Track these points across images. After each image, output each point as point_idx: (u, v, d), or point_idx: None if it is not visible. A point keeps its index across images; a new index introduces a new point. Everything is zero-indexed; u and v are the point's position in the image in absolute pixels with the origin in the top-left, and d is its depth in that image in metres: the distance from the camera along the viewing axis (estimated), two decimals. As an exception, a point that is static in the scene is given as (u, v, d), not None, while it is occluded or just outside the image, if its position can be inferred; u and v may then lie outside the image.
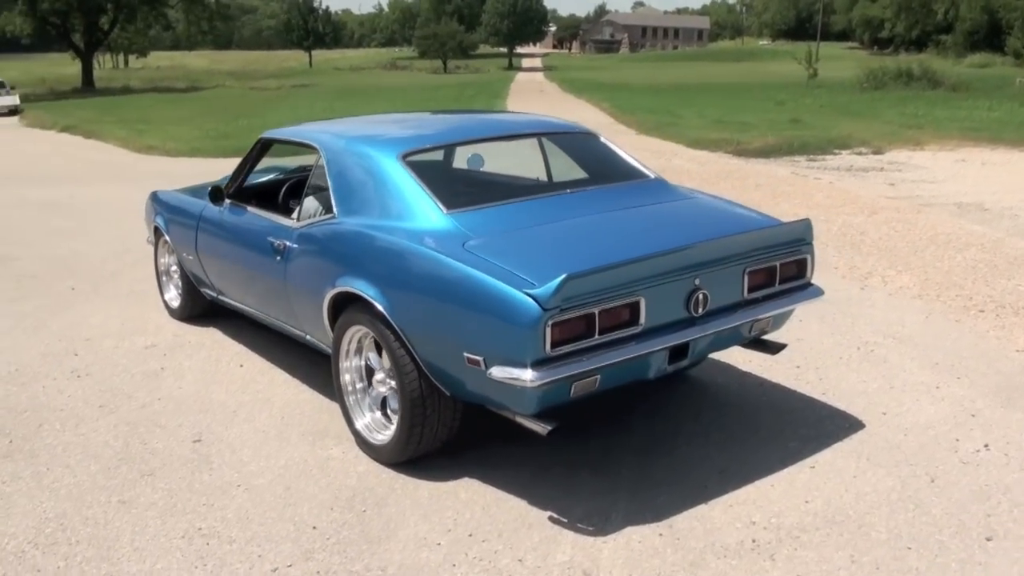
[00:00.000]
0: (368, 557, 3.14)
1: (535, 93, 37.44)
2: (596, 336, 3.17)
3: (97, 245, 8.22)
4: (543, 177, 4.48)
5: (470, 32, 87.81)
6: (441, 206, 3.68)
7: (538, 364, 3.05)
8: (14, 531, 3.35)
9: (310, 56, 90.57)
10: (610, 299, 3.18)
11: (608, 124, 20.33)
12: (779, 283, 3.77)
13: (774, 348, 4.06)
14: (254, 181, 5.22)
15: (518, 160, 4.71)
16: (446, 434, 3.68)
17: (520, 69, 76.09)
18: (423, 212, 3.68)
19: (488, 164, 4.81)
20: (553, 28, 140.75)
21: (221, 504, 3.53)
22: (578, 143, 4.61)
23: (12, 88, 35.30)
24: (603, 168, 4.38)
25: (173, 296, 5.90)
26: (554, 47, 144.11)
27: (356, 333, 3.83)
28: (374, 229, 3.74)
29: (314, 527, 3.35)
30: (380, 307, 3.55)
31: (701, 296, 3.42)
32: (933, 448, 3.84)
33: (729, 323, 3.59)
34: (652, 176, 4.36)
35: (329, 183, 4.09)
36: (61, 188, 12.04)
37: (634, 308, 3.26)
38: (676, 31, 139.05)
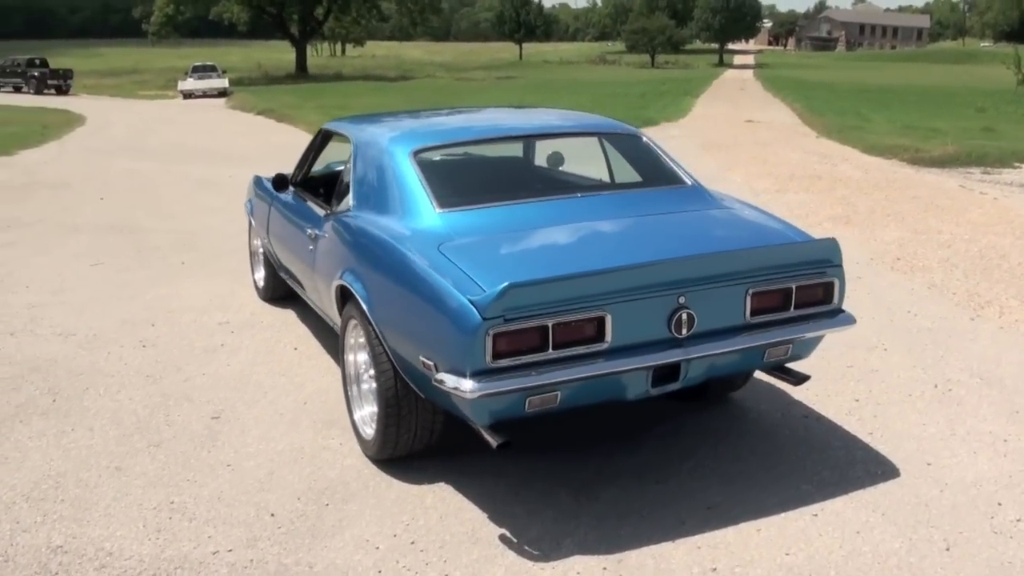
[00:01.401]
0: (304, 552, 3.12)
1: (735, 90, 36.25)
2: (551, 350, 2.97)
3: (231, 223, 8.76)
4: (563, 178, 4.27)
5: (681, 27, 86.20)
6: (434, 204, 3.59)
7: (479, 375, 2.91)
8: (15, 483, 3.61)
9: (520, 48, 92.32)
10: (567, 312, 2.97)
11: (792, 125, 19.33)
12: (795, 307, 3.39)
13: (796, 379, 3.66)
14: (319, 171, 5.34)
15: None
16: (427, 437, 3.60)
17: (730, 66, 73.88)
18: (417, 209, 3.61)
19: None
20: (768, 24, 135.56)
21: (204, 482, 3.63)
22: (617, 143, 4.36)
23: (223, 72, 38.49)
24: (634, 171, 4.12)
25: (260, 277, 6.16)
26: (769, 44, 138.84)
27: (356, 326, 3.82)
28: (372, 224, 3.72)
29: (272, 515, 3.38)
30: (362, 303, 3.52)
31: (685, 316, 3.13)
32: (967, 510, 3.32)
33: (726, 348, 3.27)
34: (688, 182, 4.05)
35: (351, 175, 4.11)
36: (227, 167, 12.93)
37: (599, 324, 3.03)
38: (895, 30, 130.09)
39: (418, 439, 3.59)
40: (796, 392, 4.43)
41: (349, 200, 4.04)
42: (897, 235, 7.74)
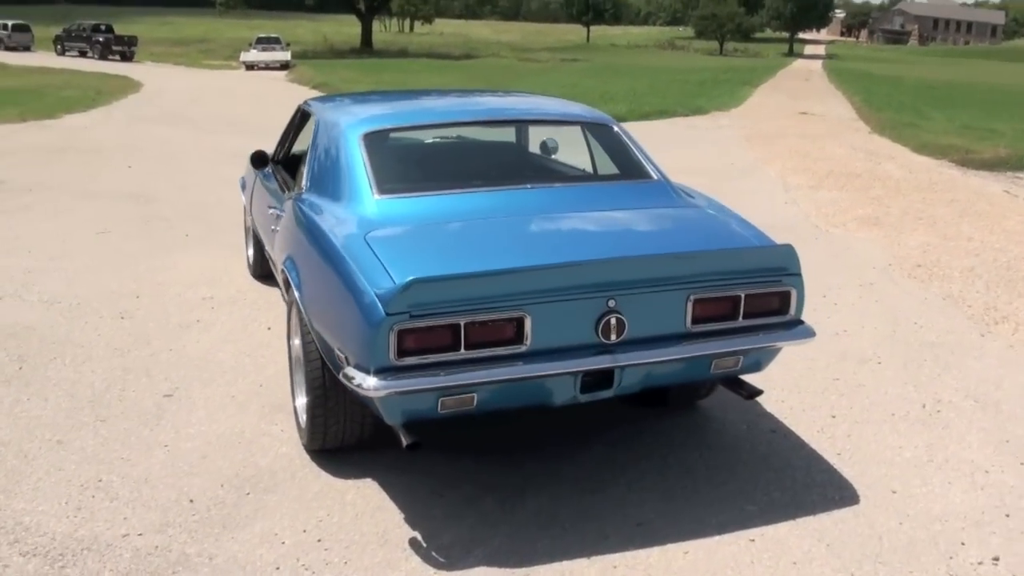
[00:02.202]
0: (210, 542, 3.04)
1: (798, 81, 35.25)
2: (463, 350, 2.82)
3: (246, 197, 8.76)
4: (523, 167, 4.08)
5: (751, 15, 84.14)
6: (374, 190, 3.46)
7: (383, 372, 2.78)
8: (-45, 451, 3.61)
9: (588, 31, 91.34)
10: (482, 311, 2.81)
11: (848, 119, 18.67)
12: (745, 317, 3.17)
13: (747, 392, 3.45)
14: (301, 149, 5.25)
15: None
16: (358, 431, 3.48)
17: (800, 56, 72.03)
18: (357, 194, 3.49)
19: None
20: (841, 15, 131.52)
21: (137, 461, 3.58)
22: (590, 133, 4.15)
23: (287, 44, 38.72)
24: (595, 163, 3.92)
25: (250, 254, 6.12)
26: (841, 35, 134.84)
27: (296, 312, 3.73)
28: (314, 207, 3.61)
29: (191, 500, 3.31)
30: (294, 288, 3.42)
31: (614, 320, 2.94)
32: (924, 547, 3.07)
33: (662, 356, 3.08)
34: (654, 177, 3.83)
35: (308, 156, 4.00)
36: (262, 141, 12.89)
37: (518, 325, 2.87)
38: (969, 25, 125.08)
39: (348, 432, 3.47)
40: (770, 403, 4.20)
41: (303, 182, 3.93)
42: (924, 240, 7.35)
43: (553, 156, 4.58)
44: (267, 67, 35.95)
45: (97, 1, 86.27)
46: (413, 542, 3.06)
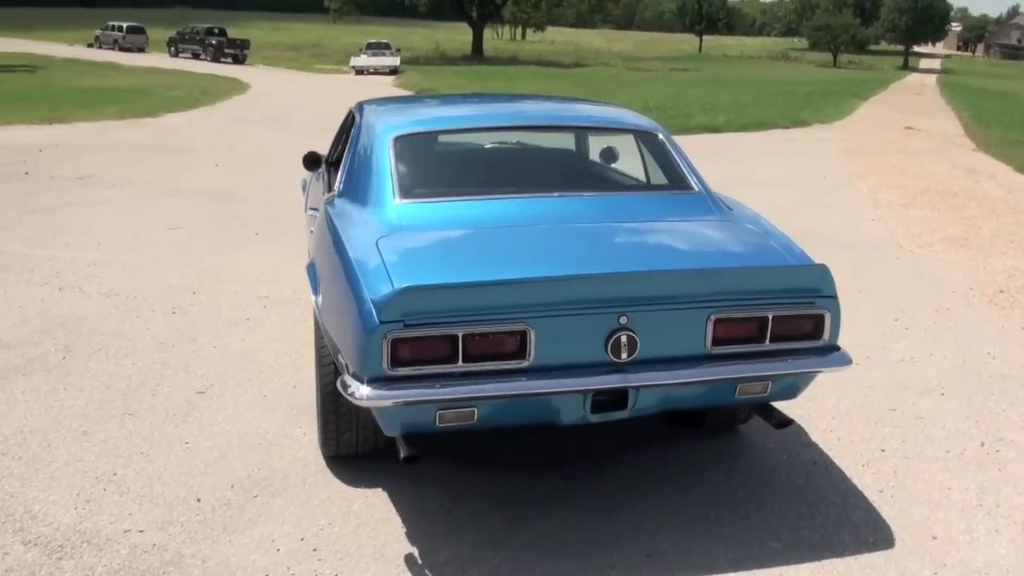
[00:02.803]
0: (207, 544, 3.02)
1: (909, 95, 33.74)
2: (460, 363, 2.71)
3: (321, 198, 8.86)
4: (564, 174, 3.92)
5: (866, 26, 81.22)
6: (396, 194, 3.39)
7: (377, 382, 2.69)
8: (-11, 435, 3.71)
9: (700, 41, 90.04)
10: (482, 323, 2.70)
11: (954, 136, 17.70)
12: (772, 340, 2.96)
13: (776, 421, 3.21)
14: None
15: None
16: (372, 439, 3.40)
17: (915, 70, 69.10)
18: (380, 198, 3.42)
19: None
20: (958, 28, 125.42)
21: (155, 457, 3.60)
22: (638, 142, 3.98)
23: (397, 50, 39.38)
24: (643, 171, 3.75)
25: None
26: (957, 48, 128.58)
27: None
28: (340, 211, 3.56)
29: (199, 500, 3.30)
30: (312, 293, 3.38)
31: (625, 338, 2.78)
32: (955, 602, 2.80)
33: (677, 379, 2.89)
34: (695, 188, 3.63)
35: (344, 158, 3.97)
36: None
37: (521, 338, 2.74)
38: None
39: (363, 440, 3.40)
40: (817, 432, 3.95)
41: (337, 185, 3.90)
42: (1011, 264, 6.85)
43: (612, 165, 4.44)
44: (376, 72, 36.56)
45: (214, 5, 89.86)
46: (409, 558, 2.96)
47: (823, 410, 4.18)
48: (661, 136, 3.89)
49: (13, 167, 9.70)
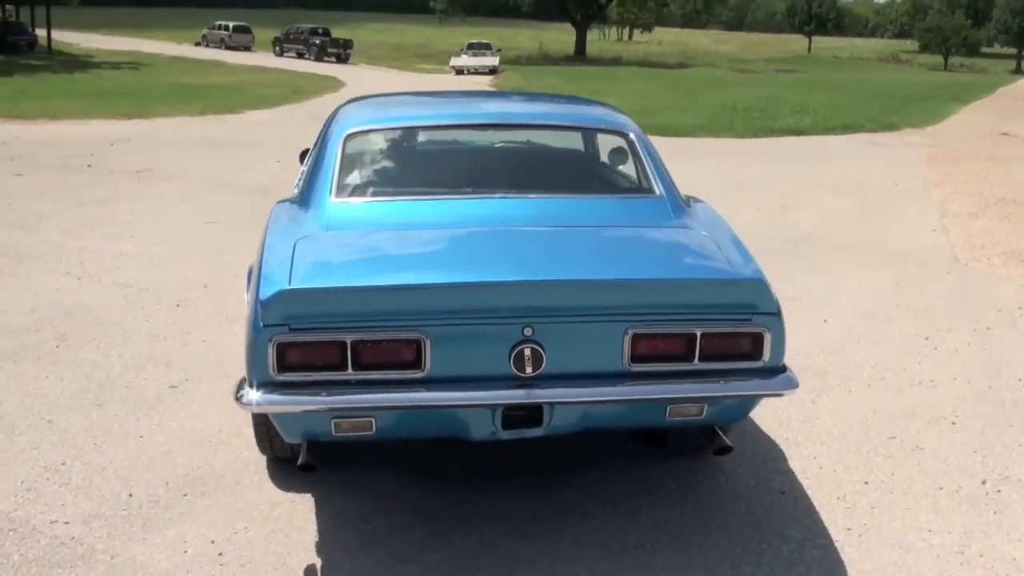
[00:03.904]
0: (121, 541, 2.99)
1: (1015, 101, 31.62)
2: (351, 370, 2.59)
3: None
4: (523, 175, 3.71)
5: (977, 28, 76.82)
6: (333, 192, 3.29)
7: (264, 386, 2.60)
8: (-41, 417, 3.80)
9: (809, 42, 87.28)
10: (372, 329, 2.57)
11: (1018, 141, 16.41)
12: (702, 359, 2.71)
13: (715, 447, 2.95)
14: None
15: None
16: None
17: (1028, 74, 64.97)
18: (319, 197, 3.33)
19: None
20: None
21: (106, 449, 3.61)
22: (604, 140, 3.76)
23: (497, 50, 39.52)
24: (591, 173, 3.53)
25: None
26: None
27: None
28: (282, 211, 3.51)
29: (131, 495, 3.29)
30: (246, 294, 3.31)
31: (529, 351, 2.60)
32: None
33: (592, 396, 2.69)
34: (657, 192, 3.39)
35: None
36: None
37: (416, 347, 2.59)
38: None
39: (297, 444, 3.32)
40: (798, 458, 3.65)
41: (296, 182, 3.84)
42: (1074, 284, 6.24)
43: (620, 167, 4.25)
44: (475, 72, 36.78)
45: (327, 6, 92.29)
46: (309, 570, 2.86)
47: (812, 434, 3.87)
48: (632, 136, 3.65)
49: (79, 159, 10.13)
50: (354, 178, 3.40)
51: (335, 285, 2.59)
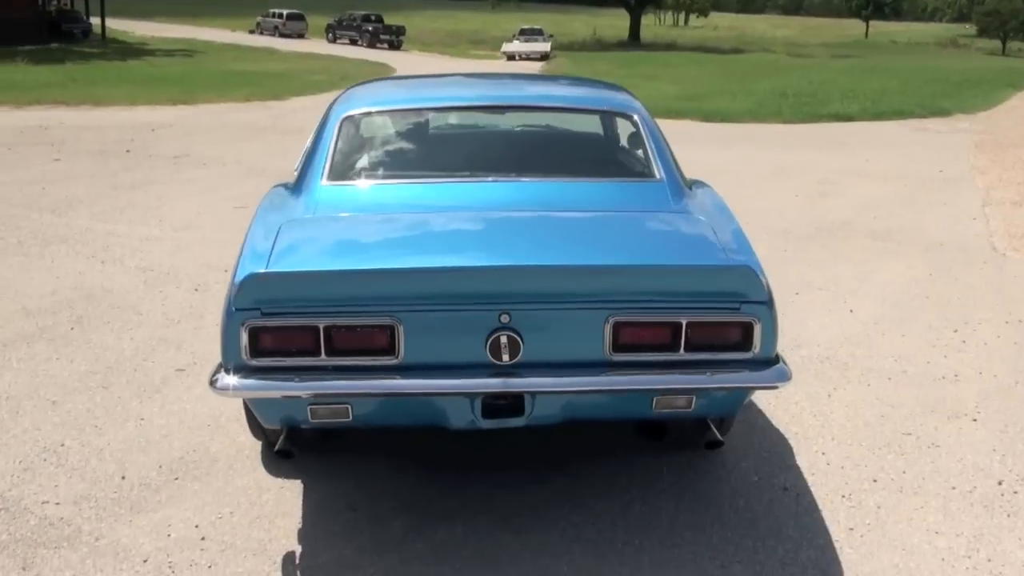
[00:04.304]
0: (107, 523, 3.00)
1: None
2: (324, 356, 2.54)
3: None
4: (521, 158, 3.61)
5: (1037, 10, 73.89)
6: (325, 175, 3.25)
7: (239, 371, 2.57)
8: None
9: (867, 26, 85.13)
10: (345, 315, 2.52)
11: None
12: (688, 349, 2.61)
13: (706, 440, 2.84)
14: None
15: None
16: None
17: (1097, 59, 62.25)
18: (311, 180, 3.31)
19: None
20: None
21: (105, 431, 3.63)
22: (607, 122, 3.65)
23: (550, 36, 39.25)
24: (593, 157, 3.42)
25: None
26: None
27: None
28: (275, 194, 3.48)
29: (123, 477, 3.30)
30: None
31: (506, 338, 2.52)
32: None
33: (572, 386, 2.61)
34: (657, 176, 3.27)
35: None
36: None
37: (389, 334, 2.54)
38: None
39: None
40: (806, 453, 3.53)
41: (295, 167, 3.80)
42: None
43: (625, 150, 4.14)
44: (527, 58, 36.53)
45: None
46: (288, 557, 2.83)
47: (824, 429, 3.73)
48: (636, 118, 3.54)
49: (119, 145, 10.29)
50: (348, 161, 3.36)
51: (306, 269, 2.55)
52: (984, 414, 3.87)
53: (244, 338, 2.53)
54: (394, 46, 39.73)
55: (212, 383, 2.61)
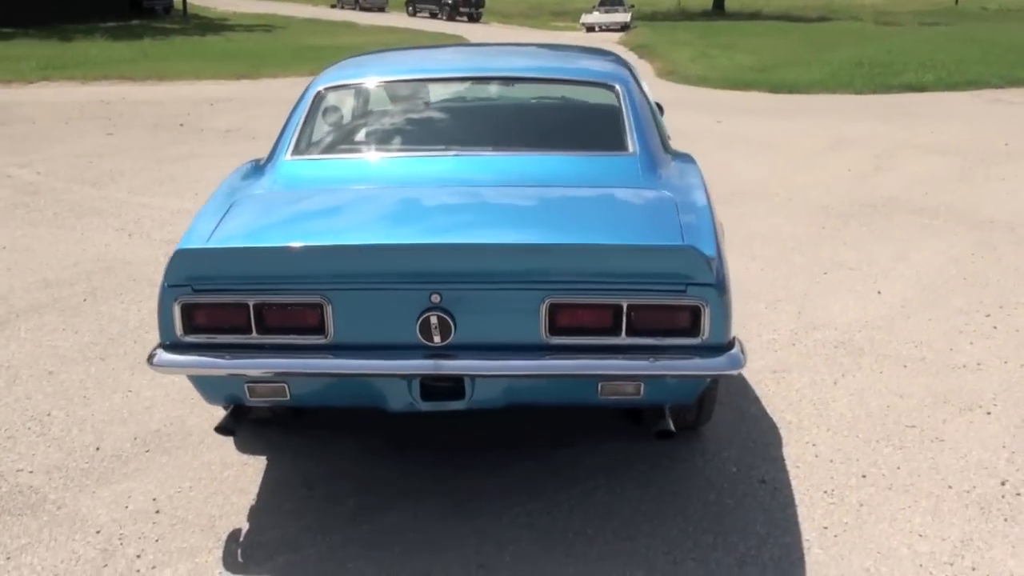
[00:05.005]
0: (72, 493, 3.05)
1: None
2: (255, 334, 2.50)
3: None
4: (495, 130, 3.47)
5: None
6: (289, 150, 3.21)
7: (174, 347, 2.56)
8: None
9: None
10: (274, 292, 2.47)
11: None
12: (631, 333, 2.47)
13: (656, 429, 2.69)
14: None
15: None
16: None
17: None
18: (276, 154, 3.30)
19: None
20: None
21: (93, 401, 3.70)
22: (587, 94, 3.49)
23: (631, 6, 38.45)
24: (568, 130, 3.27)
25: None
26: None
27: None
28: (243, 169, 3.47)
29: (98, 448, 3.35)
30: None
31: (436, 319, 2.43)
32: None
33: (507, 370, 2.50)
34: (631, 150, 3.11)
35: None
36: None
37: (319, 312, 2.47)
38: None
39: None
40: (795, 445, 3.34)
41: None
42: None
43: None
44: (606, 29, 35.94)
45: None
46: (233, 535, 2.81)
47: (821, 418, 3.53)
48: (619, 88, 3.36)
49: (174, 119, 10.51)
50: (316, 135, 3.31)
51: (232, 246, 2.51)
52: (1001, 407, 3.60)
53: (177, 314, 2.51)
54: (473, 18, 39.59)
55: (149, 359, 2.60)
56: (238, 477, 3.14)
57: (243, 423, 2.83)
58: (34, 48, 20.78)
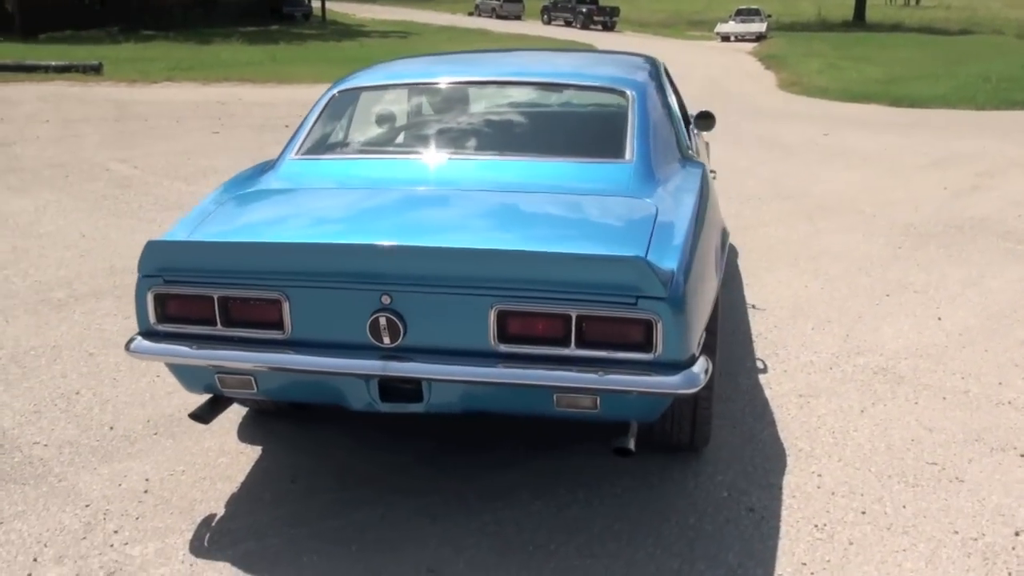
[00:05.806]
0: (74, 469, 3.21)
1: None
2: (220, 326, 2.58)
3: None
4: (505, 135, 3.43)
5: None
6: (296, 150, 3.30)
7: (149, 335, 2.68)
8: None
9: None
10: (237, 287, 2.54)
11: None
12: (580, 345, 2.40)
13: (615, 445, 2.60)
14: None
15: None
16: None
17: None
18: (284, 154, 3.39)
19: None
20: None
21: (121, 383, 3.88)
22: (596, 99, 3.41)
23: (768, 16, 37.51)
24: (571, 135, 3.21)
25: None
26: None
27: None
28: (254, 168, 3.55)
29: (111, 428, 3.51)
30: None
31: (385, 320, 2.44)
32: None
33: (455, 375, 2.48)
34: (628, 158, 3.02)
35: None
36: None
37: (277, 308, 2.53)
38: None
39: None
40: (799, 474, 3.17)
41: None
42: None
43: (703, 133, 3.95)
44: (741, 39, 35.29)
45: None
46: (206, 520, 2.90)
47: (836, 448, 3.33)
48: (630, 94, 3.28)
49: (281, 120, 10.81)
50: (325, 137, 3.38)
51: (196, 239, 2.59)
52: (1035, 447, 3.31)
53: (151, 303, 2.63)
54: (608, 27, 39.65)
55: (127, 346, 2.72)
56: (230, 465, 3.24)
57: (218, 412, 2.91)
58: (170, 50, 22.01)
